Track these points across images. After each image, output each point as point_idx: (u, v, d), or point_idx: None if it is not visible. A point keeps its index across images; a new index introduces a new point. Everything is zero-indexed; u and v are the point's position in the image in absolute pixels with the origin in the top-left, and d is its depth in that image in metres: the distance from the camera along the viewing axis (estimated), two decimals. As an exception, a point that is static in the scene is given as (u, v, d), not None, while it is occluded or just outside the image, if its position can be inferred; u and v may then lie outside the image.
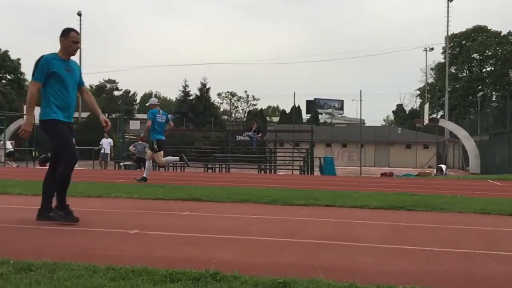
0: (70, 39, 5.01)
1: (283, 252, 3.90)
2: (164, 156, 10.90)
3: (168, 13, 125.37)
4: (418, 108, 58.72)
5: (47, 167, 5.41)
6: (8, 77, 42.78)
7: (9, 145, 24.53)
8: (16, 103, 36.28)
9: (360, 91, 25.00)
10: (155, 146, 10.42)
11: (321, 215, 6.05)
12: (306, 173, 21.12)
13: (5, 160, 23.86)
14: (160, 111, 10.75)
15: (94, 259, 3.36)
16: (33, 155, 26.39)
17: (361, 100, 26.52)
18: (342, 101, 50.62)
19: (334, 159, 23.97)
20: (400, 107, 64.76)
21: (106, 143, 24.03)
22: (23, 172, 15.09)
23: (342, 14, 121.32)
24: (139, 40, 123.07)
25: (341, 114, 52.40)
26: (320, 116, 54.10)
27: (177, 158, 10.86)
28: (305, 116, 52.49)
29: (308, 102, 41.15)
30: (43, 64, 4.91)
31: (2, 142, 24.60)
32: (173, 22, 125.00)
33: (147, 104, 11.33)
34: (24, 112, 25.63)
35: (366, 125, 49.92)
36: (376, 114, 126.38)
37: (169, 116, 11.11)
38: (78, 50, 5.44)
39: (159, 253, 3.75)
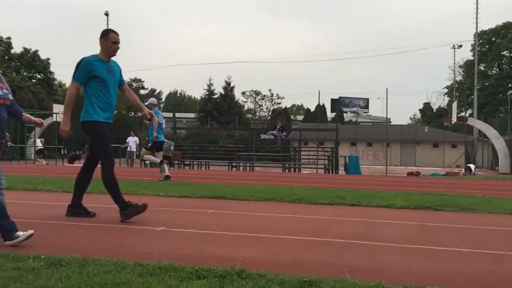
0: (109, 40, 5.04)
1: (309, 251, 3.90)
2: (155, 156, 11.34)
3: (193, 12, 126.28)
4: (446, 107, 57.65)
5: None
6: (38, 76, 43.81)
7: (39, 143, 25.18)
8: (46, 102, 37.13)
9: (386, 89, 24.65)
10: (149, 145, 10.92)
11: (346, 214, 6.01)
12: (330, 172, 21.00)
13: (35, 157, 24.49)
14: (159, 111, 10.96)
15: (122, 255, 3.42)
16: (62, 153, 26.99)
17: (387, 99, 26.17)
18: (368, 99, 49.96)
19: (359, 158, 23.75)
20: (427, 105, 63.63)
21: (132, 141, 24.40)
22: (52, 170, 15.45)
23: (368, 11, 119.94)
24: (163, 39, 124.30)
25: (366, 112, 51.76)
26: (345, 114, 53.62)
27: (158, 161, 11.18)
28: (329, 114, 52.09)
29: (332, 100, 40.71)
30: (84, 66, 4.95)
31: (32, 140, 25.28)
32: (197, 21, 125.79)
33: (145, 104, 11.59)
34: (54, 111, 26.02)
35: (392, 123, 49.24)
36: (402, 113, 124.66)
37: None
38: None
39: (185, 250, 3.79)
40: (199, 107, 57.18)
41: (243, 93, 65.84)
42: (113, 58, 5.17)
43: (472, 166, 23.40)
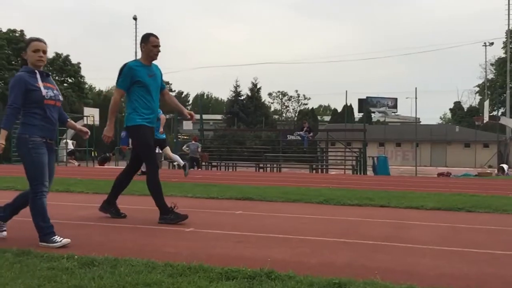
0: (150, 44, 5.05)
1: (337, 252, 3.87)
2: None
3: (219, 14, 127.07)
4: (477, 106, 56.34)
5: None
6: (69, 80, 44.90)
7: (71, 145, 25.81)
8: (77, 105, 38.04)
9: (415, 88, 24.38)
10: None
11: (375, 215, 5.93)
12: (358, 173, 20.79)
13: (67, 159, 25.08)
14: (160, 111, 11.14)
15: (152, 255, 3.47)
16: (92, 155, 27.57)
17: (416, 98, 25.83)
18: (396, 99, 49.24)
19: (387, 159, 23.44)
20: (458, 104, 62.32)
21: (160, 143, 24.72)
22: (84, 171, 15.78)
23: (396, 10, 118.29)
24: (190, 42, 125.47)
25: (394, 112, 51.02)
26: (372, 114, 53.02)
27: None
28: (357, 115, 51.63)
29: (360, 100, 40.33)
30: (127, 72, 4.98)
31: (64, 141, 25.91)
32: (223, 22, 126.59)
33: None
34: (84, 114, 26.58)
35: (421, 123, 48.41)
36: (432, 112, 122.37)
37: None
38: (133, 54, 5.58)
39: (214, 250, 3.81)
40: (226, 109, 57.55)
41: (270, 94, 65.99)
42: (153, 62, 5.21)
43: (505, 166, 22.83)
